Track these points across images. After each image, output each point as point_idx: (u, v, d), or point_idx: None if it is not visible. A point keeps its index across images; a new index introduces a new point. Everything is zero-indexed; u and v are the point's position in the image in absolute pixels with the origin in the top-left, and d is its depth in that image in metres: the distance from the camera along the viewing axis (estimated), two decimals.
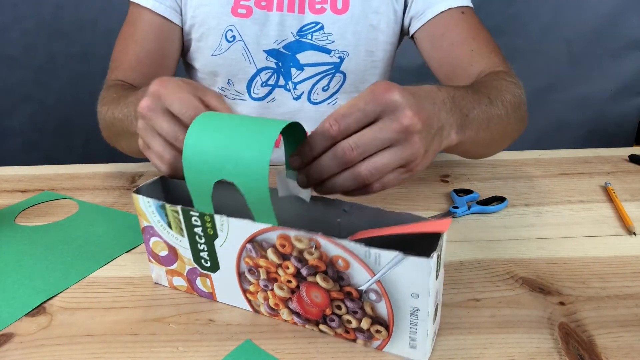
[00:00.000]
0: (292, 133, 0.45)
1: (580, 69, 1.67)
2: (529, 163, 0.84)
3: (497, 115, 0.59)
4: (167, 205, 0.45)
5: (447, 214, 0.65)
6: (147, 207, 0.46)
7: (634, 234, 0.61)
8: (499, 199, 0.68)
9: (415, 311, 0.38)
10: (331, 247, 0.39)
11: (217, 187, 0.42)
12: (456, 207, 0.66)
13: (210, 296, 0.48)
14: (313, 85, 0.85)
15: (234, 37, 0.81)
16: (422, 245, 0.39)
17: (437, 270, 0.38)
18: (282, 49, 0.83)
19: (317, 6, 0.81)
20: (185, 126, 0.44)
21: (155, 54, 0.82)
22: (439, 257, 0.37)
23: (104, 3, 1.48)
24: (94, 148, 1.58)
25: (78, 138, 1.59)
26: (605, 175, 0.79)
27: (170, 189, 0.51)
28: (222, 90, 0.87)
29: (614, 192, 0.71)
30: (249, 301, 0.46)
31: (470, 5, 0.83)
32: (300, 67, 0.83)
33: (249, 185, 0.39)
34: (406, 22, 0.85)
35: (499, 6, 1.57)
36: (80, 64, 1.53)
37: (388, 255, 0.37)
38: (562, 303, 0.48)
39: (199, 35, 0.82)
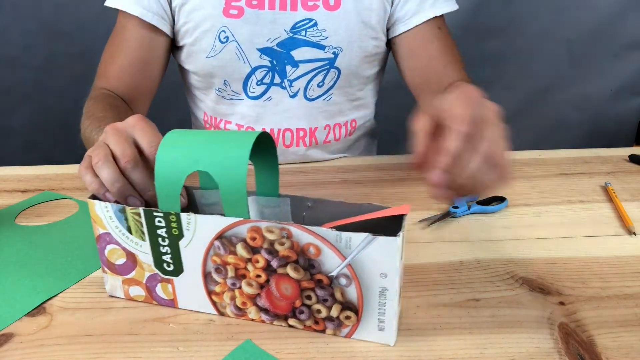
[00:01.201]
0: (261, 156, 0.47)
1: (580, 69, 1.67)
2: (529, 163, 0.84)
3: None
4: (128, 208, 0.44)
5: (447, 214, 0.65)
6: (104, 213, 0.46)
7: (634, 234, 0.61)
8: (499, 199, 0.68)
9: (384, 291, 0.41)
10: (303, 235, 0.41)
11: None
12: (456, 207, 0.66)
13: (172, 303, 0.47)
14: (308, 82, 0.86)
15: (227, 37, 0.81)
16: (384, 232, 0.40)
17: (402, 251, 0.40)
18: (275, 47, 0.83)
19: (310, 3, 0.81)
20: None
21: (139, 64, 0.83)
22: (403, 237, 0.40)
23: (104, 3, 1.48)
24: None
25: (78, 138, 1.58)
26: (605, 175, 0.79)
27: None
28: (219, 91, 0.87)
29: (614, 192, 0.71)
30: (214, 303, 0.46)
31: (453, 8, 0.86)
32: (295, 64, 0.84)
33: (226, 175, 0.40)
34: (390, 22, 0.86)
35: (498, 6, 1.57)
36: (80, 64, 1.52)
37: (358, 238, 0.39)
38: (562, 303, 0.48)
39: (193, 39, 0.82)
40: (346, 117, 0.92)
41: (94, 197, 0.46)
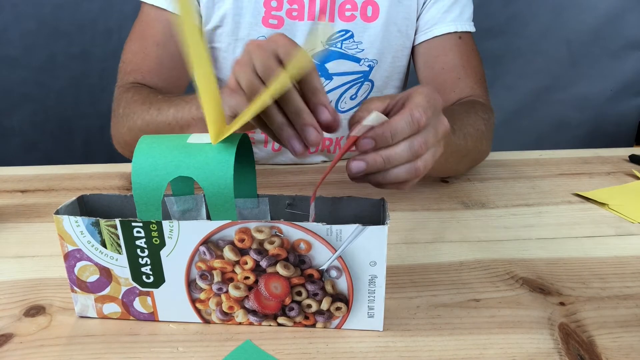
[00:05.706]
0: (238, 158, 0.45)
1: (580, 69, 1.67)
2: (529, 163, 0.84)
3: (456, 144, 0.63)
4: (102, 221, 0.42)
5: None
6: (74, 228, 0.43)
7: None
8: None
9: (373, 279, 0.42)
10: (293, 231, 0.41)
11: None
12: None
13: (151, 317, 0.46)
14: (341, 95, 0.84)
15: None
16: (369, 222, 0.41)
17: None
18: None
19: (347, 13, 0.79)
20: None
21: (179, 57, 0.79)
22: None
23: (104, 3, 1.48)
24: (94, 148, 1.58)
25: (78, 138, 1.58)
26: (605, 175, 0.79)
27: (87, 209, 0.48)
28: None
29: None
30: (198, 311, 0.45)
31: (471, 30, 0.84)
32: (329, 77, 0.82)
33: (212, 179, 0.39)
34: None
35: (498, 6, 1.57)
36: (80, 64, 1.52)
37: (349, 229, 0.40)
38: (562, 303, 0.48)
39: (225, 45, 0.80)
40: None
41: (57, 213, 0.43)
